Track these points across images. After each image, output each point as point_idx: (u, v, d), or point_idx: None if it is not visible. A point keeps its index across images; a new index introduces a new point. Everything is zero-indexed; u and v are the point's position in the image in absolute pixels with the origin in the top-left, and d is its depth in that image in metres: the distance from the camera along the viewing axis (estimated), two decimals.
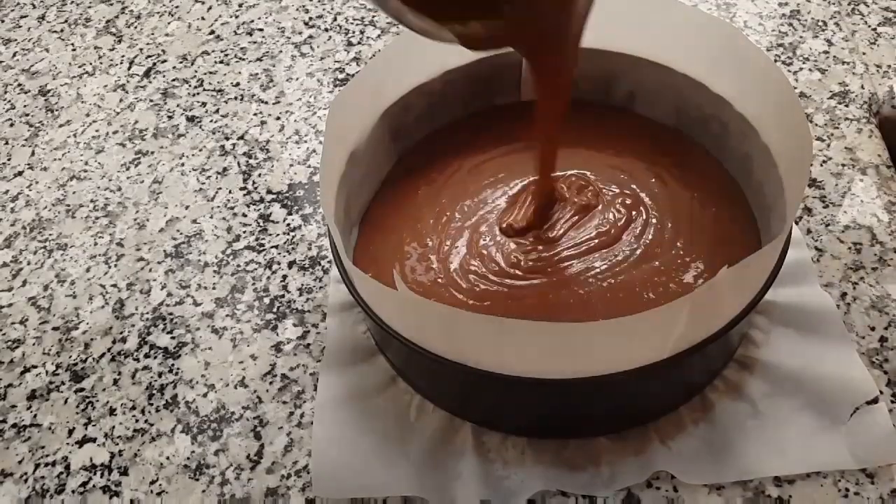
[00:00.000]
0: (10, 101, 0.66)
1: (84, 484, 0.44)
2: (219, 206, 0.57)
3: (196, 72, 0.67)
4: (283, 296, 0.51)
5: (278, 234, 0.54)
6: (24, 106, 0.66)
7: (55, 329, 0.51)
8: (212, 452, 0.44)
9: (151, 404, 0.47)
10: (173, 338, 0.50)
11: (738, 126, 0.47)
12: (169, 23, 0.72)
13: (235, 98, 0.65)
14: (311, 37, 0.69)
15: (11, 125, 0.64)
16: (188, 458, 0.44)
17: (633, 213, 0.48)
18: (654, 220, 0.47)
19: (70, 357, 0.50)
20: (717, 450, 0.41)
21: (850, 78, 0.59)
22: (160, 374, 0.48)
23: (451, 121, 0.54)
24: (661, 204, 0.48)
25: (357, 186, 0.48)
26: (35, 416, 0.47)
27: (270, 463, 0.44)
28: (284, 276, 0.52)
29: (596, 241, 0.46)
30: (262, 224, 0.55)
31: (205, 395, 0.47)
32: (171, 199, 0.58)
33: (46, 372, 0.49)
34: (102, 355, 0.49)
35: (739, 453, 0.40)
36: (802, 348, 0.44)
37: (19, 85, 0.68)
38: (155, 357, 0.49)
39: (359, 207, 0.49)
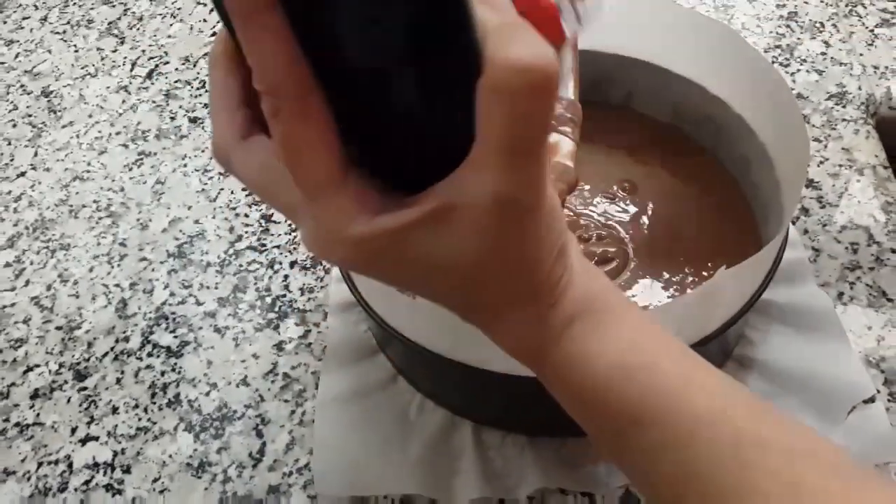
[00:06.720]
0: (13, 101, 0.67)
1: (87, 482, 0.44)
2: (221, 207, 0.57)
3: (198, 73, 0.67)
4: (284, 295, 0.51)
5: (280, 234, 0.55)
6: (27, 107, 0.66)
7: (58, 328, 0.51)
8: (214, 450, 0.45)
9: (154, 403, 0.47)
10: (176, 337, 0.50)
11: (735, 127, 0.48)
12: (171, 24, 0.72)
13: None
14: None
15: (14, 126, 0.65)
16: (190, 457, 0.45)
17: (631, 211, 0.48)
18: (651, 220, 0.47)
19: (73, 356, 0.50)
20: None
21: (847, 79, 0.59)
22: (163, 373, 0.48)
23: None
24: (659, 203, 0.48)
25: None
26: (38, 414, 0.48)
27: (272, 461, 0.44)
28: (286, 276, 0.52)
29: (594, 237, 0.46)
30: (263, 224, 0.55)
31: (207, 394, 0.47)
32: (173, 199, 0.58)
33: (49, 371, 0.49)
34: (105, 354, 0.50)
35: None
36: (799, 348, 0.44)
37: (22, 86, 0.68)
38: (158, 356, 0.49)
39: None
